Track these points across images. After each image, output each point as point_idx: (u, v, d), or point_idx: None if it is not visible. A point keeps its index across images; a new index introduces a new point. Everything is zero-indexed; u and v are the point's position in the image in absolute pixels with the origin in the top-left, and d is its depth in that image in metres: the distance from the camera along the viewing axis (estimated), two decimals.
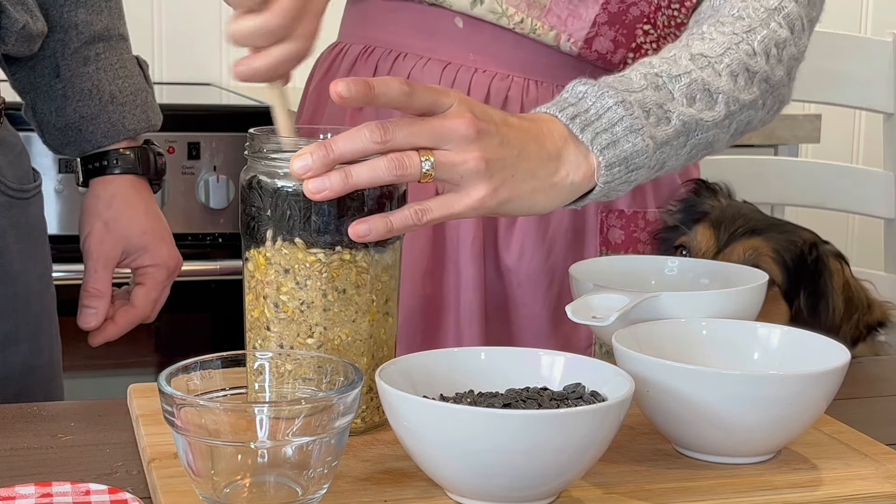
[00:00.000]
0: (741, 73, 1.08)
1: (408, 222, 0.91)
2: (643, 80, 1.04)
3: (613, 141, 0.99)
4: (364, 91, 0.88)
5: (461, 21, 1.27)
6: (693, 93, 1.05)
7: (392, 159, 0.89)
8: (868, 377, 1.19)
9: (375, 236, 0.90)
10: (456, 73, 1.28)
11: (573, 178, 0.98)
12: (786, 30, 1.13)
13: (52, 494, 0.83)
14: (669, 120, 1.03)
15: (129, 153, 1.28)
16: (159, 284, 1.30)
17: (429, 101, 0.91)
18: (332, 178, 0.88)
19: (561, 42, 1.25)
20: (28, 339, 1.24)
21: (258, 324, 0.94)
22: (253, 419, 0.78)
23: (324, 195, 0.88)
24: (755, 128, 1.15)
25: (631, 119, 1.00)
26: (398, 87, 0.89)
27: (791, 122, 2.38)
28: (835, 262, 1.29)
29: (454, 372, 0.91)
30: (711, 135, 1.07)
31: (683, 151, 1.06)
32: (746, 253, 1.29)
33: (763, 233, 1.31)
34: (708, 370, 0.90)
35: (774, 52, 1.11)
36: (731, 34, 1.10)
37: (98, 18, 1.26)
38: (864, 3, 3.09)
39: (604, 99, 1.00)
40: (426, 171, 0.90)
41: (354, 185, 0.89)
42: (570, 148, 0.98)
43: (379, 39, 1.33)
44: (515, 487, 0.81)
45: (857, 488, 0.88)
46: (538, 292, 1.31)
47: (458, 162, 0.91)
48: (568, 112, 0.99)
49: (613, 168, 0.99)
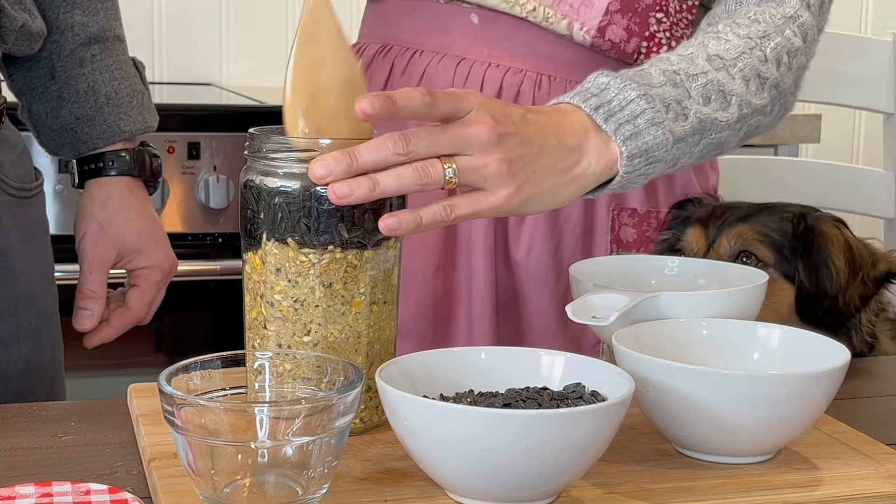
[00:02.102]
0: (753, 78, 1.10)
1: (437, 217, 0.92)
2: (662, 76, 1.05)
3: (636, 132, 1.01)
4: (387, 105, 0.90)
5: (476, 17, 1.29)
6: (709, 93, 1.06)
7: (416, 168, 0.90)
8: (868, 377, 1.19)
9: (405, 230, 0.91)
10: (470, 68, 1.29)
11: (595, 168, 1.00)
12: (799, 39, 1.14)
13: (52, 494, 0.83)
14: (687, 117, 1.04)
15: (124, 155, 1.28)
16: (154, 286, 1.30)
17: (450, 109, 0.93)
18: (360, 184, 0.89)
19: (574, 31, 1.25)
20: (30, 338, 1.24)
21: (256, 323, 0.95)
22: (253, 419, 0.78)
23: (349, 200, 0.89)
24: (761, 132, 1.17)
25: (653, 112, 1.01)
26: (420, 98, 0.91)
27: (791, 122, 2.38)
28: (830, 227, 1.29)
29: (454, 372, 0.91)
30: (724, 136, 1.09)
31: (696, 150, 1.08)
32: (732, 242, 1.29)
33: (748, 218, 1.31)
34: (708, 370, 0.90)
35: (786, 59, 1.13)
36: (747, 37, 1.11)
37: (94, 20, 1.26)
38: (864, 3, 3.09)
39: (626, 91, 1.01)
40: (449, 178, 0.92)
41: (381, 192, 0.90)
42: (591, 138, 1.00)
43: (395, 38, 1.35)
44: (515, 487, 0.81)
45: (856, 488, 0.88)
46: (546, 288, 1.31)
47: (479, 166, 0.93)
48: (591, 102, 1.01)
49: (635, 159, 1.01)
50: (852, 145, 3.14)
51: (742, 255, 1.30)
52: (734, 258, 1.30)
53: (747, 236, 1.29)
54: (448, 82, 1.30)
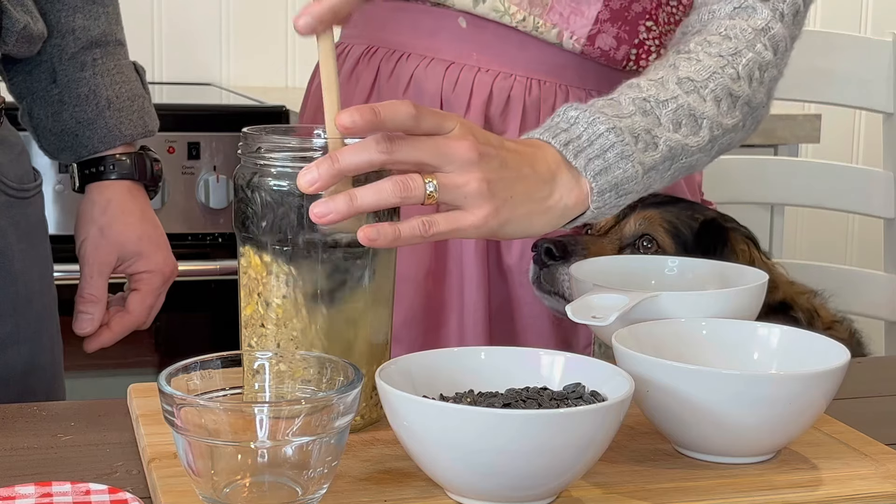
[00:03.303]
0: (724, 98, 1.08)
1: (415, 232, 0.91)
2: (632, 104, 1.04)
3: (605, 167, 1.00)
4: (370, 118, 0.89)
5: (465, 21, 1.27)
6: (679, 118, 1.05)
7: (396, 182, 0.90)
8: (868, 377, 1.19)
9: (383, 243, 0.90)
10: (459, 72, 1.28)
11: (566, 202, 0.99)
12: (770, 52, 1.13)
13: (52, 494, 0.83)
14: (657, 146, 1.03)
15: (125, 159, 1.27)
16: (154, 291, 1.29)
17: (434, 124, 0.92)
18: (337, 201, 0.89)
19: (564, 40, 1.25)
20: (30, 340, 1.23)
21: (252, 321, 0.95)
22: (253, 419, 0.78)
23: (329, 219, 0.89)
24: (733, 147, 1.15)
25: (622, 146, 1.00)
26: (405, 111, 0.90)
27: (791, 122, 2.38)
28: (740, 241, 1.29)
29: (454, 372, 0.91)
30: (695, 159, 1.08)
31: (668, 174, 1.07)
32: (637, 223, 1.28)
33: (662, 206, 1.30)
34: (708, 370, 0.90)
35: (757, 75, 1.11)
36: (718, 56, 1.10)
37: (95, 24, 1.26)
38: (864, 3, 3.09)
39: (595, 125, 1.00)
40: (430, 192, 0.91)
41: (359, 207, 0.89)
42: (563, 172, 0.99)
43: (381, 40, 1.33)
44: (515, 487, 0.81)
45: (856, 488, 0.88)
46: None
47: (460, 184, 0.92)
48: (561, 138, 1.00)
49: (605, 194, 1.00)
50: (852, 145, 3.14)
51: (644, 239, 1.29)
52: (636, 239, 1.29)
53: (654, 221, 1.28)
54: (437, 87, 1.29)
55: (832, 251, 3.07)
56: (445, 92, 1.29)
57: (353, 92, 1.35)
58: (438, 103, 1.29)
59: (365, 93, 1.34)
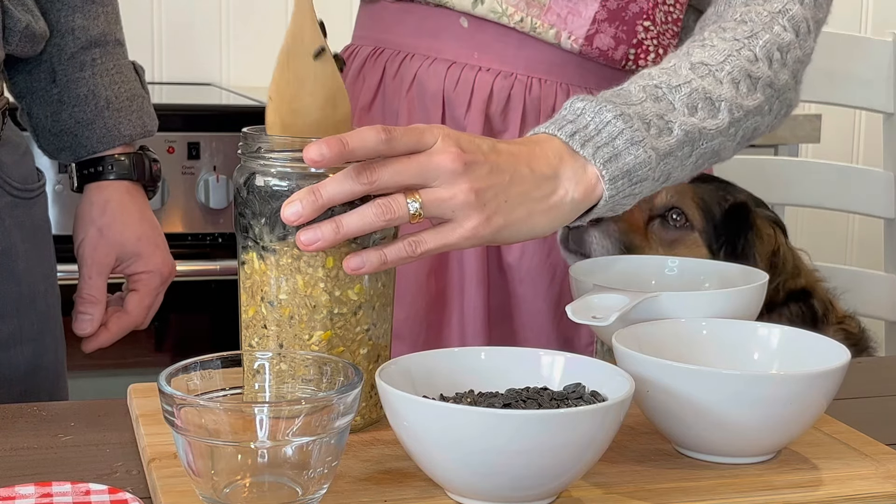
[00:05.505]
0: (743, 79, 1.07)
1: (402, 254, 0.91)
2: (642, 92, 1.03)
3: (615, 154, 0.98)
4: (338, 149, 0.87)
5: (466, 21, 1.28)
6: (694, 102, 1.04)
7: (379, 205, 0.89)
8: (868, 377, 1.19)
9: (369, 269, 0.91)
10: (460, 72, 1.29)
11: (573, 196, 0.97)
12: (790, 33, 1.11)
13: (52, 494, 0.83)
14: (671, 130, 1.02)
15: (124, 159, 1.27)
16: (153, 291, 1.29)
17: (411, 143, 0.91)
18: (323, 228, 0.88)
19: (562, 40, 1.26)
20: (33, 339, 1.24)
21: (254, 322, 0.94)
22: (253, 419, 0.78)
23: (316, 246, 0.89)
24: (763, 133, 1.14)
25: (631, 132, 0.99)
26: (374, 137, 0.88)
27: (791, 122, 2.38)
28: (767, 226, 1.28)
29: (454, 372, 0.91)
30: (717, 143, 1.06)
31: (689, 161, 1.05)
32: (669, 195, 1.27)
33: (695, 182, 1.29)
34: (708, 370, 0.90)
35: (778, 56, 1.10)
36: (733, 40, 1.09)
37: (95, 24, 1.26)
38: (864, 3, 3.09)
39: (602, 113, 0.99)
40: (413, 212, 0.90)
41: (346, 234, 0.89)
42: (566, 165, 0.97)
43: (387, 41, 1.35)
44: (515, 487, 0.81)
45: (857, 488, 0.88)
46: (539, 290, 1.31)
47: (446, 197, 0.91)
48: (567, 129, 0.99)
49: (618, 181, 0.99)
50: (852, 145, 3.14)
51: (674, 211, 1.29)
52: (666, 211, 1.28)
53: (686, 194, 1.27)
54: (439, 86, 1.30)
55: (832, 251, 3.07)
56: (447, 91, 1.29)
57: (359, 91, 1.35)
58: (440, 102, 1.30)
59: (371, 92, 1.35)
